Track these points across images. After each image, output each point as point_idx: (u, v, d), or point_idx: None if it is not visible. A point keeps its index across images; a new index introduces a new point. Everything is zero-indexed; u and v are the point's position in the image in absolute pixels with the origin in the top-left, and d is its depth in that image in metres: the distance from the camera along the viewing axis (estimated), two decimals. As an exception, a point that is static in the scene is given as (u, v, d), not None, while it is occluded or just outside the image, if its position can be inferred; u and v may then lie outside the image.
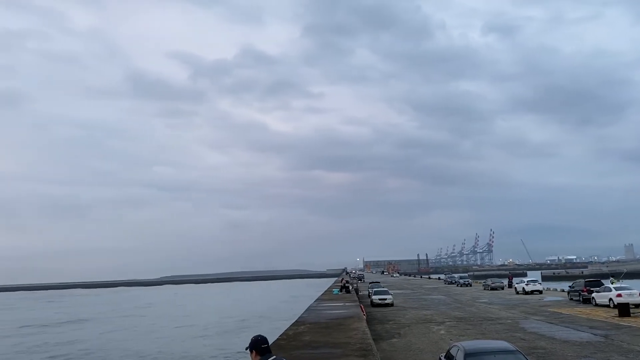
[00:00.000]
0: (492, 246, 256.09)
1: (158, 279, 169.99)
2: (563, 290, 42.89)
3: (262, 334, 5.46)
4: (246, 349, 5.35)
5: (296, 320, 22.31)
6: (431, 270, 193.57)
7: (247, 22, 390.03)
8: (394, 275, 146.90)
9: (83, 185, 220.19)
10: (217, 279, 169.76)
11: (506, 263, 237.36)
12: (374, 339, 16.62)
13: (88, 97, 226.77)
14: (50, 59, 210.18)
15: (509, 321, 23.58)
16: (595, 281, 34.27)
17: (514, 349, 10.05)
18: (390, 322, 25.23)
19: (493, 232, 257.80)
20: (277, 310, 45.11)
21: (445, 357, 11.06)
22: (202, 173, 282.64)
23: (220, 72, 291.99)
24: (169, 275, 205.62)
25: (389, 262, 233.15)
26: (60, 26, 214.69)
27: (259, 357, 5.16)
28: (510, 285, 52.51)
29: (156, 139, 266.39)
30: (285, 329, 19.21)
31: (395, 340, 19.43)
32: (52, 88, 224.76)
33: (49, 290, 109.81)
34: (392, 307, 33.86)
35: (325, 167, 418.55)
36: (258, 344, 5.22)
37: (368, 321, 23.00)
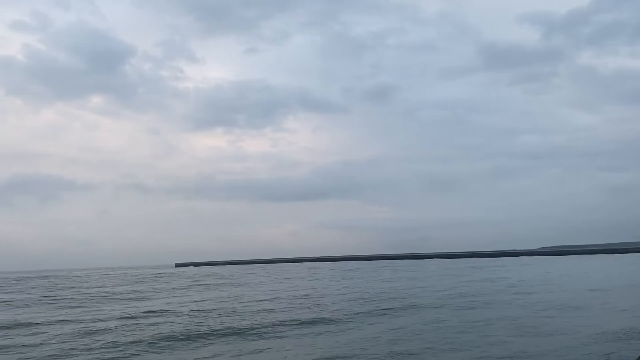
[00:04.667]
0: None
1: (538, 249, 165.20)
2: None
3: None
4: None
5: None
6: None
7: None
8: None
9: (452, 161, 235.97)
10: (607, 249, 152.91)
11: None
12: None
13: (445, 78, 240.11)
14: (409, 50, 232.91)
15: None
16: None
17: None
18: None
19: None
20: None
21: None
22: (570, 136, 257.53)
23: (575, 23, 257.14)
24: (549, 245, 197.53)
25: None
26: (414, 18, 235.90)
27: None
28: None
29: (515, 107, 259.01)
30: None
31: None
32: (413, 76, 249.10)
33: (454, 259, 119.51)
34: None
35: None
36: None
37: None
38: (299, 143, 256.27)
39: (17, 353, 12.73)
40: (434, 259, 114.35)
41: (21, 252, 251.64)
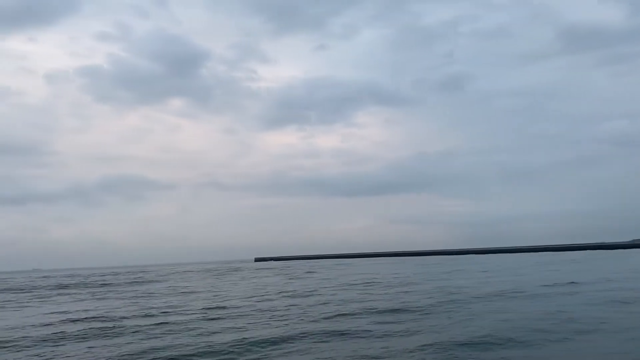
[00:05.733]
0: None
1: (630, 241, 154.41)
2: None
3: None
4: None
5: None
6: None
7: None
8: None
9: (532, 150, 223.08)
10: None
11: None
12: None
13: (522, 64, 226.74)
14: (482, 37, 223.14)
15: None
16: None
17: None
18: None
19: None
20: None
21: None
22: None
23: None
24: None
25: None
26: (487, 3, 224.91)
27: None
28: None
29: (600, 91, 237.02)
30: None
31: None
32: (488, 64, 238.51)
33: (540, 253, 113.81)
34: None
35: None
36: None
37: None
38: (370, 137, 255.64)
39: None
40: (517, 253, 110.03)
41: (111, 248, 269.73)
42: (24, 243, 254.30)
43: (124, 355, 11.84)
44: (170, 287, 37.48)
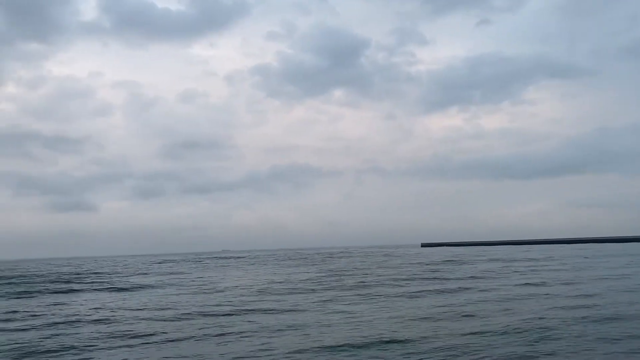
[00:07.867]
0: None
1: None
2: None
3: None
4: None
5: None
6: None
7: None
8: None
9: None
10: None
11: None
12: None
13: None
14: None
15: None
16: None
17: None
18: None
19: None
20: None
21: None
22: None
23: None
24: None
25: None
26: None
27: None
28: None
29: None
30: None
31: None
32: None
33: None
34: None
35: None
36: None
37: None
38: (543, 114, 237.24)
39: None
40: None
41: (284, 232, 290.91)
42: (212, 227, 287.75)
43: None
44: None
